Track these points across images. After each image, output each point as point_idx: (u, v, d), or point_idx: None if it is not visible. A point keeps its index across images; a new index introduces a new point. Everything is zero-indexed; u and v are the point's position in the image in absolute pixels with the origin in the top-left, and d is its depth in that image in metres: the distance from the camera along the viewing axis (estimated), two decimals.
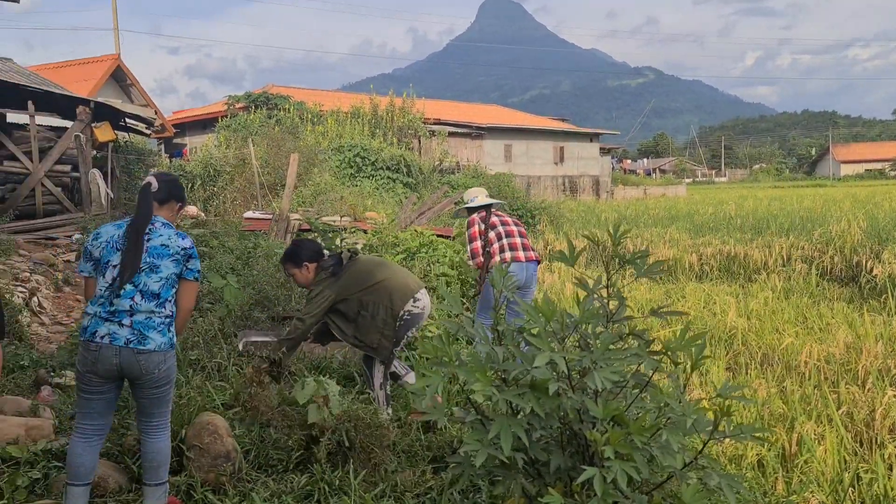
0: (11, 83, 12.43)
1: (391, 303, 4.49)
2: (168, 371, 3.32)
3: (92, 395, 3.31)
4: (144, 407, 3.34)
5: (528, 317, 2.63)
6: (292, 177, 9.47)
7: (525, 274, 6.32)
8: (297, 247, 4.64)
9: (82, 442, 3.31)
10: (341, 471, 3.59)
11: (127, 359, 3.20)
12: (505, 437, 2.29)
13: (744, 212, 20.61)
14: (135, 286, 3.29)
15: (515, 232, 6.53)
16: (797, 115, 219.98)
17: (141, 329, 3.25)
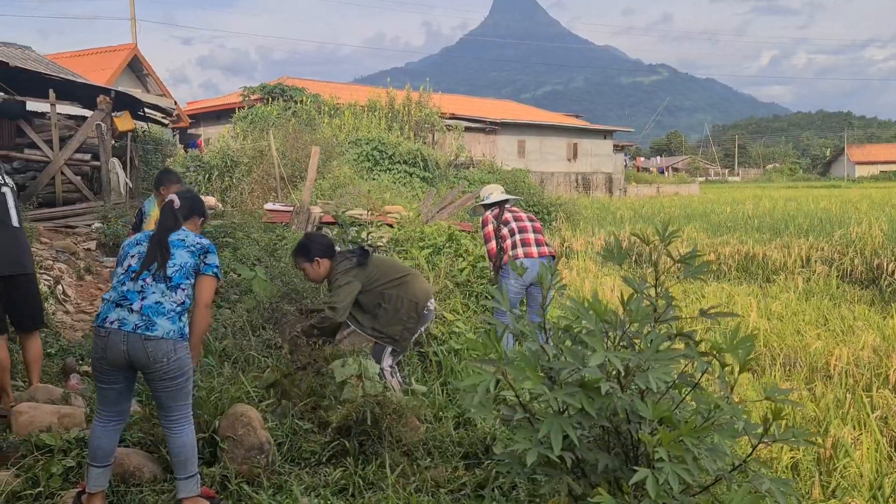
0: (33, 71, 12.47)
1: (415, 296, 4.55)
2: (179, 363, 3.28)
3: (104, 384, 3.34)
4: (161, 401, 3.34)
5: (576, 314, 2.61)
6: (313, 169, 9.46)
7: (536, 269, 6.21)
8: (308, 241, 4.64)
9: (101, 425, 3.35)
10: (374, 465, 3.58)
11: (134, 345, 3.19)
12: (555, 436, 2.27)
13: (760, 212, 20.49)
14: (149, 271, 3.36)
15: (529, 227, 6.46)
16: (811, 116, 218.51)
17: (150, 314, 3.26)
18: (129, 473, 3.53)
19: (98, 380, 3.36)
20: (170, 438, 3.34)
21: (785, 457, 4.04)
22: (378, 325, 4.49)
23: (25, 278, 4.60)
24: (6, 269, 4.45)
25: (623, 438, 2.58)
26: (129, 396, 3.45)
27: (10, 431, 3.97)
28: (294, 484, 3.44)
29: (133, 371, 3.33)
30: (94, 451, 3.33)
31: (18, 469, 3.62)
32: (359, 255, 4.53)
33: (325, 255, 4.50)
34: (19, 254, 4.56)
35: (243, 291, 5.41)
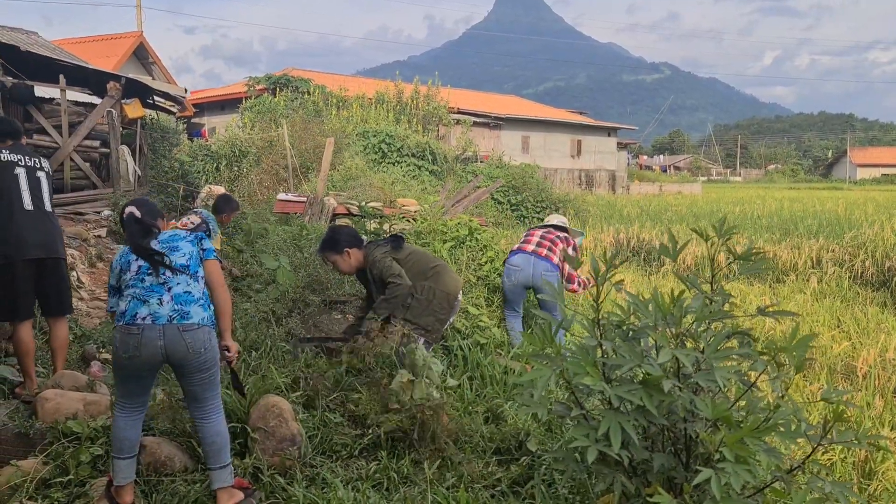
0: (43, 56, 12.38)
1: (447, 288, 4.52)
2: (214, 351, 3.27)
3: (130, 381, 3.28)
4: (196, 393, 3.29)
5: (627, 310, 2.56)
6: (327, 160, 9.41)
7: (531, 269, 6.14)
8: (335, 233, 4.56)
9: (124, 416, 3.30)
10: (407, 459, 3.54)
11: (172, 339, 3.14)
12: (614, 433, 2.23)
13: (767, 212, 20.44)
14: (164, 266, 3.31)
15: (537, 234, 6.43)
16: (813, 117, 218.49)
17: (181, 304, 3.22)
18: (161, 463, 3.49)
19: (123, 377, 3.29)
20: (202, 428, 3.30)
21: (822, 458, 4.00)
22: (410, 315, 4.45)
23: (57, 263, 4.57)
24: (40, 253, 4.41)
25: (676, 437, 2.54)
26: (151, 385, 3.41)
27: (36, 418, 3.92)
28: (328, 476, 3.40)
29: (161, 365, 3.27)
30: (119, 442, 3.29)
31: (46, 456, 3.57)
32: (392, 241, 4.48)
33: (354, 244, 4.45)
34: (53, 238, 4.53)
35: (267, 282, 5.36)
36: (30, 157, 4.59)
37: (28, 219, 4.40)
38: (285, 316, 4.94)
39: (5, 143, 4.53)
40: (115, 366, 3.33)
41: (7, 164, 4.43)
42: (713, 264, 2.63)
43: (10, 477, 3.41)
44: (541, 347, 2.39)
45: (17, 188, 4.41)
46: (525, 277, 6.08)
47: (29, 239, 4.38)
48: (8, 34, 13.75)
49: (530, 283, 6.08)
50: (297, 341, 4.67)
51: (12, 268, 4.33)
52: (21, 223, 4.37)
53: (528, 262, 6.11)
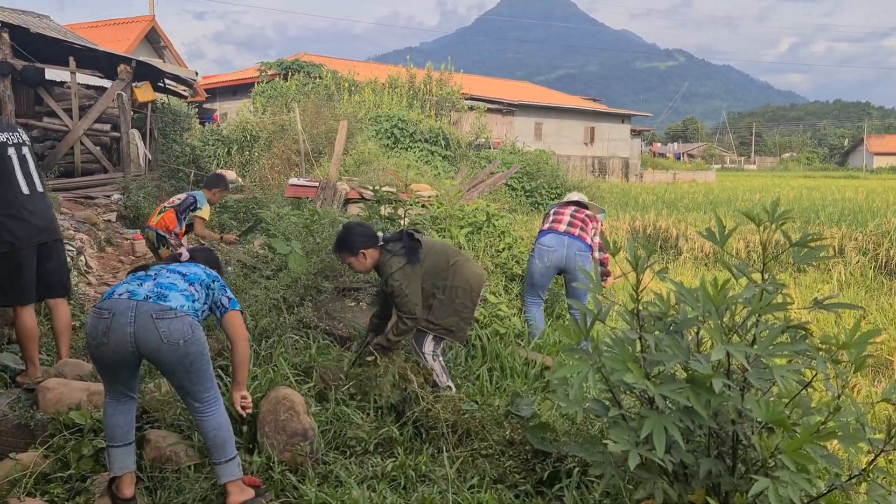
0: (53, 38, 12.22)
1: (469, 284, 4.22)
2: (199, 344, 2.96)
3: (103, 369, 3.06)
4: (184, 388, 3.04)
5: (665, 302, 2.35)
6: (341, 143, 9.19)
7: (564, 250, 5.90)
8: (349, 233, 4.17)
9: (114, 402, 3.10)
10: (425, 455, 3.35)
11: (143, 325, 2.84)
12: (658, 436, 2.02)
13: (785, 200, 20.09)
14: (161, 266, 3.23)
15: (567, 212, 6.20)
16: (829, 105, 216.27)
17: (162, 289, 3.01)
18: (166, 458, 3.32)
19: (98, 367, 3.08)
20: (201, 423, 3.08)
21: (864, 460, 3.78)
22: (433, 316, 4.17)
23: (57, 244, 4.42)
24: (43, 237, 4.25)
25: (721, 440, 2.33)
26: (133, 379, 3.14)
27: (38, 408, 3.75)
28: (342, 473, 3.21)
29: (138, 361, 2.99)
30: (111, 430, 3.09)
31: (47, 449, 3.41)
32: (408, 247, 4.10)
33: (370, 244, 4.10)
34: (51, 219, 4.38)
35: (278, 268, 5.17)
36: (13, 133, 4.30)
37: (27, 203, 4.23)
38: (297, 303, 4.75)
39: None
40: (90, 355, 3.09)
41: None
42: (765, 251, 2.41)
43: (9, 471, 3.25)
44: (576, 340, 2.18)
45: (12, 170, 4.19)
46: (559, 259, 5.85)
47: (32, 224, 4.22)
48: (19, 17, 13.59)
49: (563, 264, 5.86)
50: None
51: (18, 254, 4.18)
52: (22, 209, 4.19)
53: (562, 243, 5.87)
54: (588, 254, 5.89)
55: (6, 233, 4.16)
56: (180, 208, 6.32)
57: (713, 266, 12.64)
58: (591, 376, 2.07)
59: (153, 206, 10.92)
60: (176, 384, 3.06)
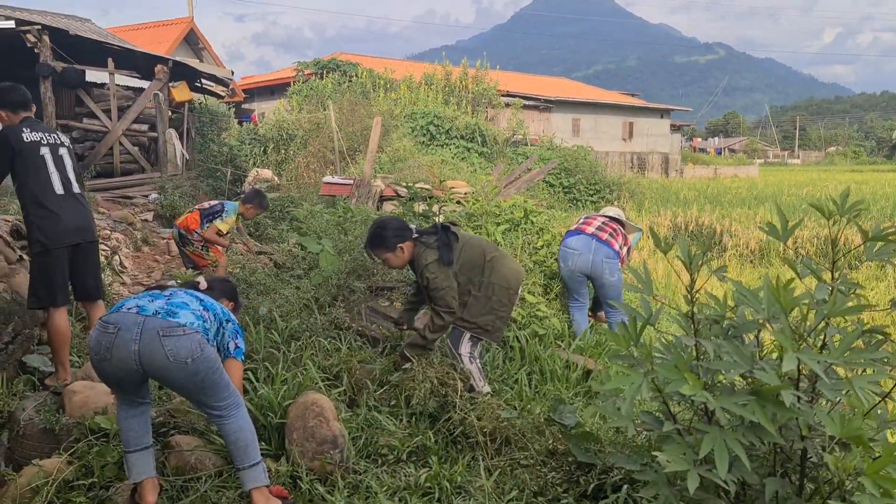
0: (92, 40, 12.32)
1: (507, 281, 4.00)
2: (208, 361, 2.79)
3: (109, 384, 2.96)
4: (200, 402, 2.91)
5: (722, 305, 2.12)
6: (375, 140, 9.06)
7: (591, 255, 5.62)
8: (383, 229, 4.00)
9: (126, 406, 2.98)
10: (461, 465, 3.16)
11: (148, 343, 2.69)
12: (720, 455, 1.81)
13: (835, 195, 19.44)
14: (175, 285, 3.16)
15: (598, 219, 5.93)
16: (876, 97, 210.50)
17: (173, 307, 2.86)
18: (190, 466, 3.18)
19: (103, 380, 2.97)
20: (222, 428, 2.94)
21: None
22: (468, 314, 3.97)
23: (93, 246, 4.36)
24: (76, 238, 4.17)
25: (787, 457, 2.10)
26: (145, 386, 3.01)
27: (63, 412, 3.66)
28: (373, 484, 3.04)
29: (141, 376, 2.83)
30: (125, 434, 2.98)
31: (71, 455, 3.31)
32: (442, 241, 3.90)
33: (405, 238, 3.95)
34: (87, 221, 4.30)
35: (309, 266, 5.03)
36: (49, 134, 4.26)
37: (61, 204, 4.16)
38: (328, 304, 4.61)
39: (18, 115, 4.17)
40: (92, 367, 2.94)
41: (31, 144, 4.11)
42: (835, 247, 2.17)
43: (32, 478, 3.15)
44: (625, 347, 1.97)
45: (46, 171, 4.13)
46: (584, 263, 5.58)
47: (66, 225, 4.15)
48: (60, 20, 13.77)
49: (589, 270, 5.57)
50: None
51: (49, 254, 4.11)
52: (55, 209, 4.13)
53: (588, 246, 5.60)
54: (616, 261, 5.59)
55: (38, 232, 4.10)
56: (206, 212, 6.41)
57: (759, 263, 12.23)
58: (646, 388, 1.86)
59: (189, 205, 10.94)
60: (189, 399, 2.93)
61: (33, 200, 4.09)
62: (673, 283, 8.88)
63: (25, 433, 3.56)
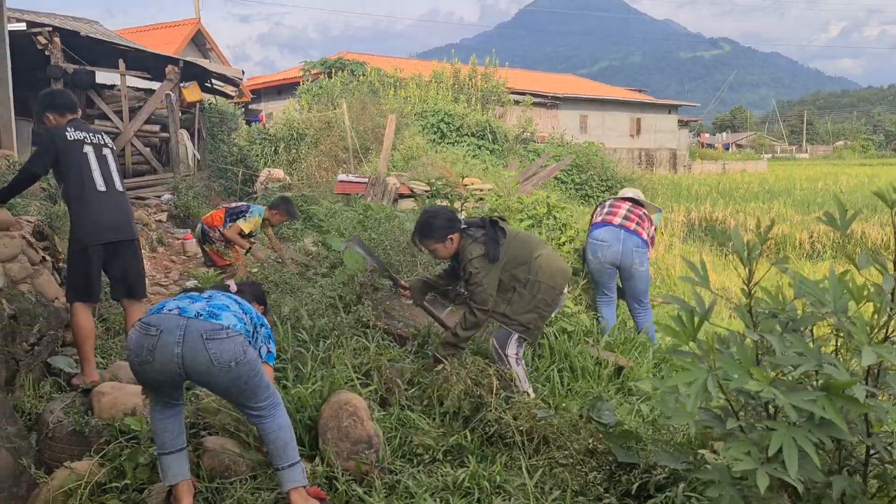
0: (103, 41, 12.31)
1: (553, 280, 3.90)
2: (250, 364, 2.75)
3: (147, 385, 2.91)
4: (240, 402, 2.87)
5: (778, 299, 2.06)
6: (389, 138, 9.01)
7: (620, 246, 5.55)
8: (433, 218, 3.96)
9: (160, 408, 2.93)
10: (499, 464, 3.10)
11: (192, 346, 2.64)
12: (789, 453, 1.75)
13: (847, 188, 19.31)
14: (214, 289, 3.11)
15: (624, 206, 5.84)
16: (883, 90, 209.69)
17: (214, 308, 2.82)
18: (225, 467, 3.14)
19: (141, 382, 2.93)
20: (260, 427, 2.90)
21: None
22: (511, 310, 3.90)
23: (132, 245, 4.35)
24: (114, 236, 4.17)
25: (849, 454, 2.04)
26: (181, 388, 2.99)
27: (92, 413, 3.62)
28: (410, 484, 2.99)
29: (182, 379, 2.80)
30: (160, 436, 2.94)
31: (102, 457, 3.27)
32: (490, 237, 3.83)
33: (454, 229, 3.90)
34: (127, 219, 4.31)
35: (332, 265, 4.98)
36: (93, 134, 4.34)
37: (102, 200, 4.19)
38: (353, 302, 4.56)
39: (65, 117, 4.28)
40: (131, 370, 2.91)
41: (74, 142, 4.18)
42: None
43: (65, 480, 3.11)
44: (685, 341, 1.91)
45: (88, 168, 4.17)
46: (614, 255, 5.52)
47: (103, 222, 4.16)
48: (70, 22, 13.76)
49: (619, 261, 5.52)
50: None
51: (87, 251, 4.13)
52: (95, 205, 4.15)
53: (617, 237, 5.53)
54: (646, 250, 5.55)
55: (77, 228, 4.14)
56: (231, 211, 6.41)
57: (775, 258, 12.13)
58: (712, 384, 1.80)
59: (203, 205, 10.92)
60: (227, 400, 2.89)
61: (75, 197, 4.13)
62: None
63: (55, 435, 3.53)
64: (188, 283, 7.10)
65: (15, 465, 3.37)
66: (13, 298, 3.94)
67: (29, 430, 3.70)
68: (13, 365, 3.84)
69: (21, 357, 3.89)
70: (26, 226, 4.62)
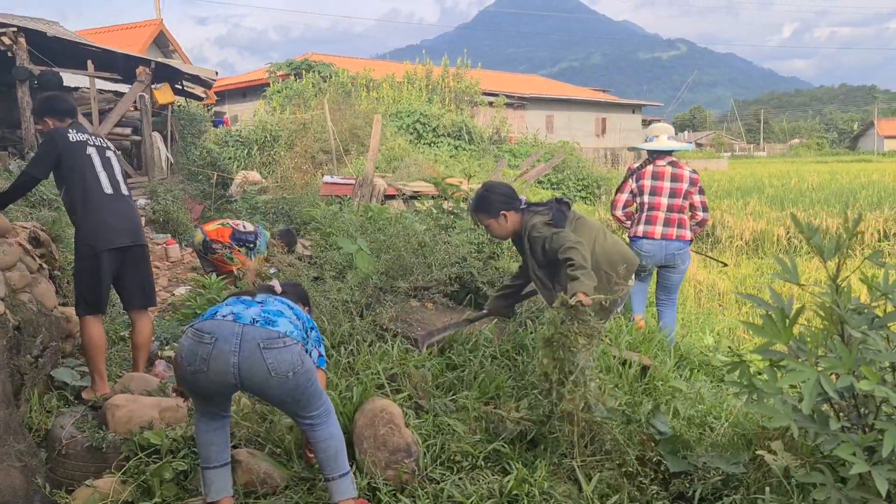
0: (70, 42, 11.94)
1: (612, 267, 3.69)
2: (307, 374, 2.64)
3: (196, 396, 2.76)
4: (294, 412, 2.75)
5: None
6: (376, 138, 8.88)
7: (663, 252, 5.51)
8: (489, 192, 3.81)
9: (206, 420, 2.80)
10: (543, 470, 3.01)
11: (249, 356, 2.51)
12: None
13: (816, 185, 19.68)
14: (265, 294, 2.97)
15: (664, 203, 5.53)
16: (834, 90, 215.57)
17: (270, 315, 2.69)
18: (260, 481, 3.00)
19: (190, 392, 2.78)
20: (311, 434, 2.78)
21: None
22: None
23: (142, 250, 4.19)
24: (126, 240, 3.99)
25: None
26: (230, 399, 2.89)
27: (107, 428, 3.45)
28: (455, 493, 2.89)
29: (234, 389, 2.67)
30: (205, 449, 2.80)
31: (123, 474, 3.11)
32: (556, 210, 3.66)
33: (512, 206, 3.75)
34: (136, 223, 4.15)
35: (342, 269, 4.84)
36: (95, 137, 4.20)
37: (110, 203, 4.02)
38: (366, 306, 4.43)
39: (65, 121, 4.13)
40: (178, 377, 2.78)
41: (77, 143, 4.01)
42: None
43: (88, 499, 2.96)
44: (785, 340, 1.85)
45: (93, 170, 4.01)
46: (656, 261, 5.58)
47: (114, 225, 3.97)
48: (30, 23, 13.32)
49: (663, 262, 5.58)
50: (424, 337, 4.18)
51: (98, 258, 3.93)
52: (103, 209, 3.98)
53: (660, 248, 5.52)
54: (688, 249, 5.58)
55: (86, 234, 3.95)
56: (239, 235, 6.23)
57: (752, 254, 12.29)
58: (827, 384, 1.74)
59: (182, 209, 10.64)
60: (280, 409, 2.77)
61: (81, 201, 3.94)
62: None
63: (68, 452, 3.34)
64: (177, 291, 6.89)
65: (27, 484, 3.19)
66: (15, 308, 3.74)
67: (37, 446, 3.52)
68: (18, 379, 3.65)
69: (26, 370, 3.69)
70: (22, 232, 4.40)
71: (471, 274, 4.93)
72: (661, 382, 4.01)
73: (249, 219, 9.58)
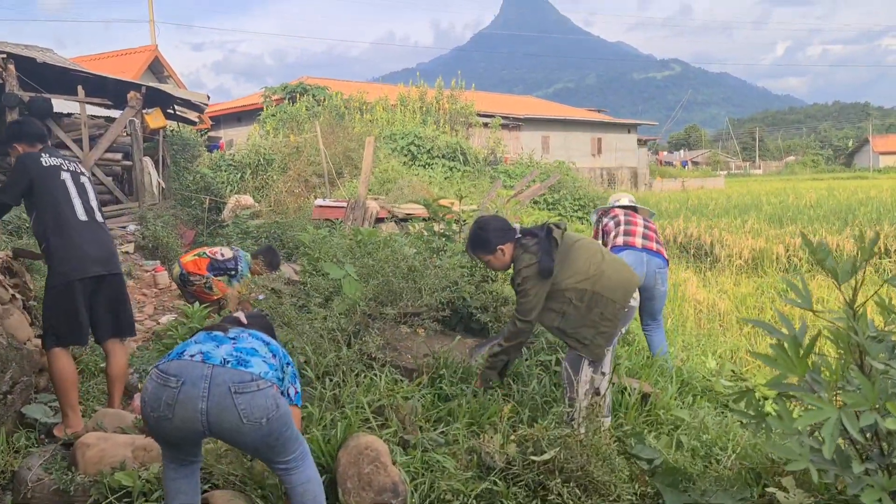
0: (60, 67, 11.86)
1: (613, 293, 3.60)
2: (283, 418, 2.44)
3: (161, 441, 2.55)
4: (269, 458, 2.55)
5: None
6: (368, 160, 8.75)
7: (644, 268, 5.37)
8: (483, 230, 3.77)
9: (174, 466, 2.59)
10: None
11: (219, 402, 2.30)
12: None
13: (814, 202, 19.58)
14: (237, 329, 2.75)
15: (639, 223, 5.69)
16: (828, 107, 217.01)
17: (242, 354, 2.48)
18: None
19: (155, 437, 2.56)
20: (288, 480, 2.59)
21: None
22: (565, 324, 3.61)
23: (117, 279, 4.01)
24: (100, 269, 3.82)
25: None
26: (200, 445, 2.67)
27: (76, 469, 3.24)
28: None
29: (203, 437, 2.46)
30: (173, 498, 2.61)
31: None
32: (543, 248, 3.60)
33: (507, 239, 3.72)
34: (111, 251, 3.98)
35: (328, 296, 4.65)
36: (69, 161, 4.05)
37: (84, 231, 3.85)
38: (354, 334, 4.24)
39: (35, 146, 4.00)
40: (144, 420, 2.52)
41: (51, 168, 3.86)
42: None
43: None
44: (800, 373, 1.67)
45: (67, 196, 3.86)
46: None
47: (89, 254, 3.80)
48: (23, 50, 13.24)
49: (642, 284, 5.36)
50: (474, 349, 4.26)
51: (71, 287, 3.76)
52: (77, 236, 3.81)
53: (641, 261, 5.32)
54: (667, 270, 5.40)
55: (59, 262, 3.77)
56: (218, 265, 6.05)
57: (752, 273, 12.12)
58: (851, 424, 1.56)
59: (171, 234, 10.48)
60: (253, 455, 2.58)
61: (54, 227, 3.78)
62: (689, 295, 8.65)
63: (34, 496, 3.15)
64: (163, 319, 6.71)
65: None
66: None
67: (2, 489, 3.32)
68: None
69: None
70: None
71: (463, 298, 4.77)
72: (662, 411, 3.81)
73: (241, 244, 9.41)
